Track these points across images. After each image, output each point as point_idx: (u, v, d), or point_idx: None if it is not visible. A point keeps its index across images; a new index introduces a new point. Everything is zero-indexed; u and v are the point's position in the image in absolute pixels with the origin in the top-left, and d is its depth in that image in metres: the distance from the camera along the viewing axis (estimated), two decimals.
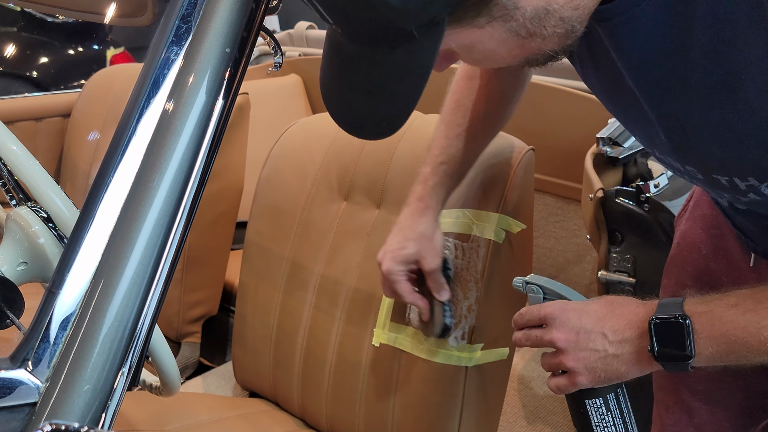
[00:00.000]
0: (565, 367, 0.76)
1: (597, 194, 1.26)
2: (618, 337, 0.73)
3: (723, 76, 0.60)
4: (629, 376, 0.75)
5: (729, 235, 0.92)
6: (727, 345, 0.68)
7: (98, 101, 1.90)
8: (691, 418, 0.99)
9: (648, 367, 0.73)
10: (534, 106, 1.72)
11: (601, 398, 0.80)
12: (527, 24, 0.57)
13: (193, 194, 0.58)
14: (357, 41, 0.56)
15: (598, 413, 0.80)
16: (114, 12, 1.16)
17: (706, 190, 0.77)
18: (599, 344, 0.74)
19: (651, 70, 0.64)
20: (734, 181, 0.67)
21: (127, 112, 0.59)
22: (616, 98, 0.74)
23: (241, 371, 1.37)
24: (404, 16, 0.51)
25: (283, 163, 1.31)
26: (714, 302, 0.70)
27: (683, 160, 0.71)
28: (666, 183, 1.27)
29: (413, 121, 1.20)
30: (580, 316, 0.75)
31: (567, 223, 1.88)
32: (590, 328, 0.74)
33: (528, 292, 0.86)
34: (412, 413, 1.10)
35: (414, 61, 0.56)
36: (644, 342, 0.72)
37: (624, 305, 0.75)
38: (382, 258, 0.97)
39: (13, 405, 0.53)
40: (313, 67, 2.37)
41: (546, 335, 0.77)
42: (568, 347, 0.75)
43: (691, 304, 0.70)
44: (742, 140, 0.63)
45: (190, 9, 0.59)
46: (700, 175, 0.71)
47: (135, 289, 0.55)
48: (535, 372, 1.75)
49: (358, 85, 0.58)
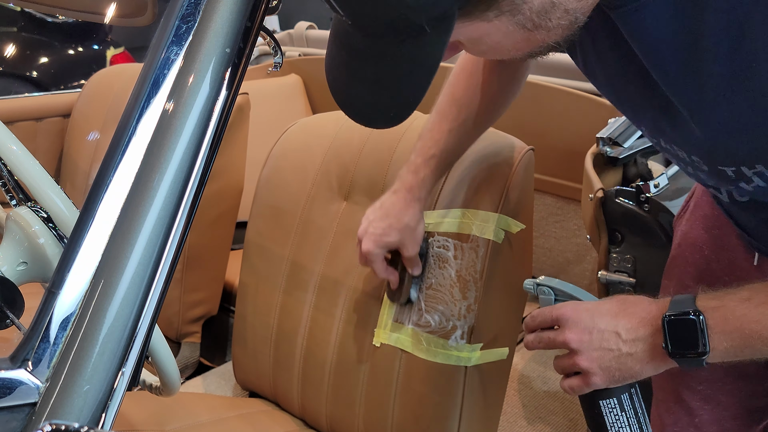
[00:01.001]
0: (579, 367, 0.75)
1: (597, 194, 1.26)
2: (631, 335, 0.73)
3: (734, 65, 0.60)
4: (644, 374, 0.74)
5: (731, 235, 0.92)
6: (741, 339, 0.68)
7: (98, 101, 1.90)
8: (692, 418, 0.99)
9: (663, 364, 0.73)
10: (534, 106, 1.72)
11: (615, 398, 0.79)
12: (534, 17, 0.58)
13: (193, 194, 0.58)
14: (367, 33, 0.56)
15: (613, 413, 0.79)
16: (114, 12, 1.16)
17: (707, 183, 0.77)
18: (613, 343, 0.73)
19: (663, 56, 0.64)
20: (741, 170, 0.67)
21: (127, 112, 0.59)
22: (621, 87, 0.74)
23: (241, 371, 1.37)
24: (416, 10, 0.52)
25: (283, 163, 1.31)
26: (727, 297, 0.70)
27: (689, 149, 0.71)
28: (666, 183, 1.27)
29: (413, 121, 1.20)
30: (593, 316, 0.75)
31: (567, 223, 1.89)
32: (603, 328, 0.74)
33: (539, 294, 0.85)
34: (412, 413, 1.10)
35: (423, 54, 0.56)
36: (658, 339, 0.71)
37: (636, 303, 0.75)
38: (363, 237, 1.02)
39: (13, 405, 0.53)
40: (313, 67, 2.37)
41: (559, 337, 0.77)
42: (581, 348, 0.75)
43: (703, 299, 0.70)
44: (753, 129, 0.62)
45: (190, 9, 0.59)
46: (705, 166, 0.70)
47: (135, 289, 0.55)
48: (535, 372, 1.75)
49: (365, 76, 0.59)
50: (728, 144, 0.66)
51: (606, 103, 1.67)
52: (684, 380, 0.99)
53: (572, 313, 0.76)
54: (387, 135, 1.20)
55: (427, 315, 1.07)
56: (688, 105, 0.65)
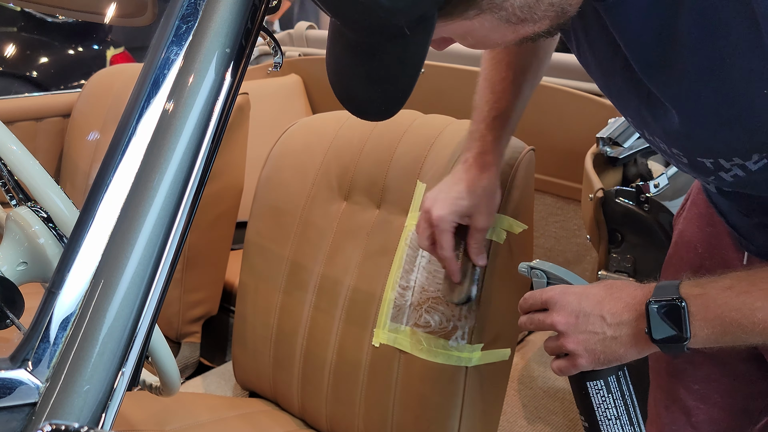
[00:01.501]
0: (566, 349, 0.77)
1: (597, 194, 1.26)
2: (616, 319, 0.74)
3: (709, 62, 0.61)
4: (628, 357, 0.76)
5: (723, 234, 0.93)
6: (721, 327, 0.69)
7: (98, 101, 1.90)
8: (689, 417, 0.99)
9: (647, 348, 0.74)
10: (534, 106, 1.72)
11: (602, 380, 0.81)
12: (517, 12, 0.59)
13: (193, 194, 0.58)
14: (355, 33, 0.58)
15: (599, 395, 0.81)
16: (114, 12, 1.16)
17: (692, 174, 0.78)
18: (598, 327, 0.75)
19: (643, 51, 0.65)
20: (719, 162, 0.68)
21: (127, 112, 0.59)
22: (609, 76, 0.75)
23: (241, 371, 1.37)
24: (394, 14, 0.53)
25: (283, 163, 1.31)
26: (709, 285, 0.71)
27: (670, 142, 0.72)
28: (666, 183, 1.27)
29: (413, 121, 1.20)
30: (580, 300, 0.77)
31: (567, 223, 1.89)
32: (589, 311, 0.76)
33: (532, 277, 0.87)
34: (412, 413, 1.10)
35: (407, 53, 0.58)
36: (641, 324, 0.73)
37: (623, 288, 0.77)
38: (433, 204, 0.94)
39: (13, 405, 0.53)
40: (313, 67, 2.37)
41: (547, 318, 0.79)
42: (568, 330, 0.77)
43: (687, 286, 0.72)
44: (729, 124, 0.63)
45: (190, 9, 0.59)
46: (684, 158, 0.72)
47: (135, 289, 0.55)
48: (535, 372, 1.75)
49: (358, 71, 0.61)
50: (705, 137, 0.66)
51: (606, 103, 1.67)
52: (681, 380, 0.99)
53: (560, 296, 0.78)
54: (387, 135, 1.20)
55: (427, 315, 1.07)
56: (668, 97, 0.66)
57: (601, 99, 1.69)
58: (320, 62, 2.35)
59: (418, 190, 1.12)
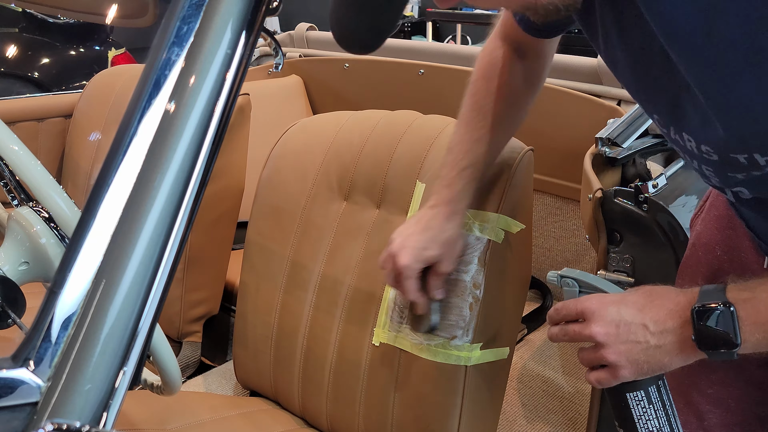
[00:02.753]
0: (606, 361, 0.75)
1: (596, 194, 1.26)
2: (659, 327, 0.72)
3: (748, 50, 0.59)
4: (673, 365, 0.74)
5: (743, 237, 0.91)
6: None
7: (100, 102, 1.90)
8: (701, 421, 0.98)
9: (693, 356, 0.72)
10: (534, 107, 1.72)
11: (642, 390, 0.78)
12: None
13: (194, 194, 0.58)
14: None
15: (640, 406, 0.78)
16: (115, 13, 1.17)
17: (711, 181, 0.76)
18: (640, 336, 0.73)
19: (680, 37, 0.63)
20: (754, 157, 0.66)
21: (129, 113, 0.59)
22: (643, 67, 0.73)
23: (242, 370, 1.37)
24: None
25: (283, 163, 1.31)
26: (758, 288, 0.69)
27: (701, 137, 0.70)
28: (665, 183, 1.27)
29: (413, 121, 1.20)
30: (620, 309, 0.74)
31: (566, 223, 1.89)
32: (630, 320, 0.73)
33: (563, 286, 0.84)
34: (412, 412, 1.10)
35: None
36: (687, 331, 0.71)
37: (663, 295, 0.74)
38: (401, 251, 0.96)
39: (14, 404, 0.53)
40: (314, 68, 2.38)
41: (585, 330, 0.76)
42: (608, 341, 0.74)
43: (734, 290, 0.70)
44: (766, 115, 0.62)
45: (191, 10, 0.59)
46: (715, 155, 0.70)
47: (136, 289, 0.55)
48: (535, 371, 1.75)
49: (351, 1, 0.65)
50: (742, 129, 0.65)
51: (606, 104, 1.67)
52: (695, 383, 0.98)
53: (598, 306, 0.75)
54: (386, 135, 1.20)
55: None
56: (704, 87, 0.65)
57: (601, 99, 1.69)
58: (320, 63, 2.35)
59: (417, 190, 1.13)
